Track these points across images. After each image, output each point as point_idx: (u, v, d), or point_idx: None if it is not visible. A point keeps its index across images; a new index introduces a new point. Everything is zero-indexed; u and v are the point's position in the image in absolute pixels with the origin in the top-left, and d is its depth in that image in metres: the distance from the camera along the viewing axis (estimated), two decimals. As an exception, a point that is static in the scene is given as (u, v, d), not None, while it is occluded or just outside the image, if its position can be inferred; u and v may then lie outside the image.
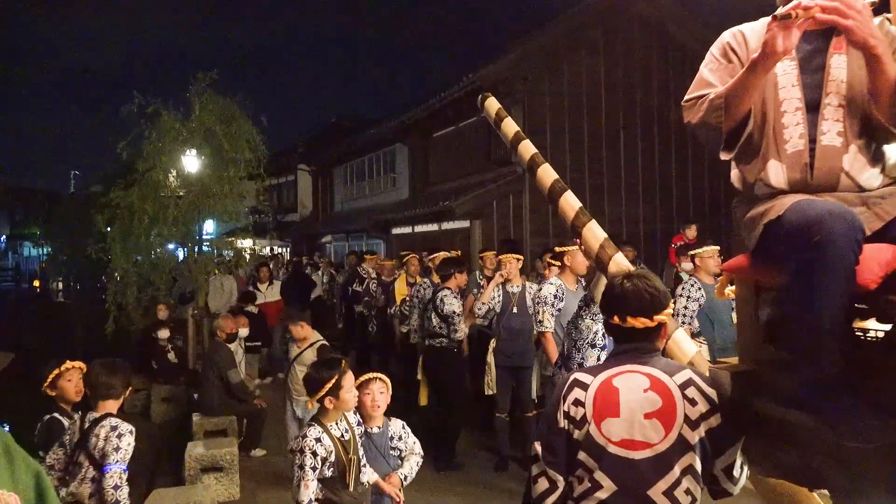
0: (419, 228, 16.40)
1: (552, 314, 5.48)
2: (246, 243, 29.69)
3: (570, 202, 3.44)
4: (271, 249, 28.08)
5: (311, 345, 5.84)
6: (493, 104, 4.10)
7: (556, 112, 14.24)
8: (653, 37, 15.26)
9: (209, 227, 28.15)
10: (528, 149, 3.78)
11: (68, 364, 4.15)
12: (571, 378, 2.26)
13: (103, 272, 9.43)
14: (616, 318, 2.24)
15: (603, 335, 4.37)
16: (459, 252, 9.99)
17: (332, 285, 16.26)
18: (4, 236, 54.58)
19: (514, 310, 5.91)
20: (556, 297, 5.52)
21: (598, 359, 4.36)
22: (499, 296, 5.94)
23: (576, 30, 14.47)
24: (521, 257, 6.47)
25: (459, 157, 16.50)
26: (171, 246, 9.59)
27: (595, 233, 3.18)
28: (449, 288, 6.21)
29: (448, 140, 17.15)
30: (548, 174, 3.59)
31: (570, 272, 5.64)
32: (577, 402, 2.16)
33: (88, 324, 8.32)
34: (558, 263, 5.77)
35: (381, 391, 3.78)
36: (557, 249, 5.92)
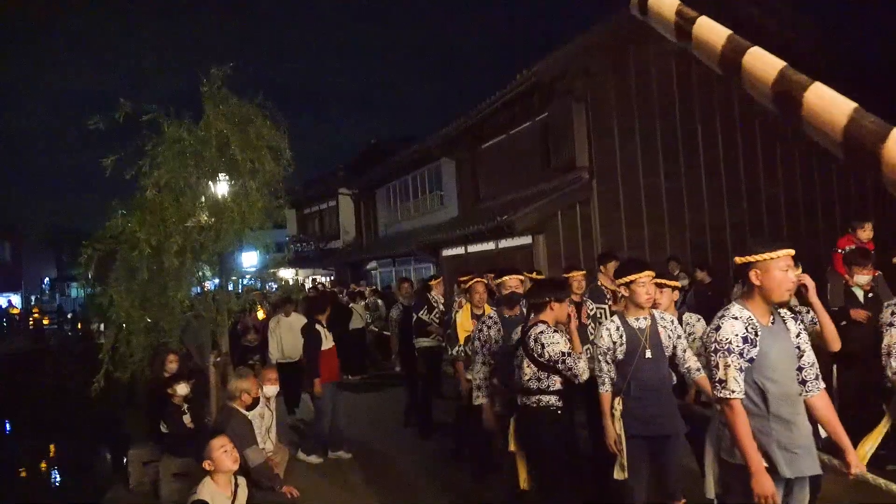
0: (473, 248, 14.75)
1: (739, 368, 3.10)
2: (286, 274, 28.58)
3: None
4: (314, 280, 26.81)
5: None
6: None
7: (625, 110, 12.50)
8: (731, 22, 13.42)
9: (251, 258, 27.15)
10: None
11: None
12: None
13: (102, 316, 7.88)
14: None
15: None
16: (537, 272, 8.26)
17: (376, 315, 14.71)
18: (48, 278, 54.56)
19: (648, 353, 4.12)
20: (744, 339, 3.14)
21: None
22: (620, 335, 4.13)
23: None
24: (651, 274, 4.22)
25: (513, 167, 14.85)
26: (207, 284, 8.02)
27: None
28: (545, 321, 4.51)
29: (498, 150, 15.53)
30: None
31: (762, 297, 3.21)
32: None
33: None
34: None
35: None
36: (738, 260, 3.30)
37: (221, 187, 7.22)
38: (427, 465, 7.07)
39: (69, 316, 36.11)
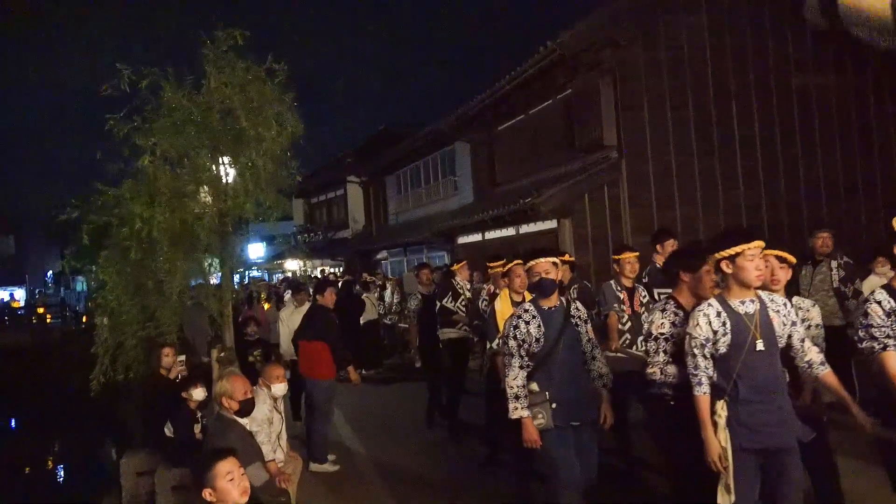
0: (491, 234, 13.98)
1: None
2: (294, 265, 27.83)
3: None
4: (322, 270, 26.08)
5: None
6: None
7: (654, 85, 11.66)
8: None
9: (258, 250, 26.38)
10: None
11: None
12: None
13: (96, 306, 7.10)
14: None
15: None
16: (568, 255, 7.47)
17: (384, 305, 13.95)
18: (51, 272, 53.86)
19: (760, 345, 3.34)
20: None
21: None
22: (723, 322, 3.32)
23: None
24: (761, 244, 3.40)
25: (532, 149, 14.03)
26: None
27: None
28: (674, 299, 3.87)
29: (517, 131, 14.70)
30: None
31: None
32: None
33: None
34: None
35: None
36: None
37: (225, 160, 6.42)
38: (458, 474, 6.30)
39: (76, 310, 35.51)
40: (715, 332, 3.35)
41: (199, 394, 5.38)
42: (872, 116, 12.96)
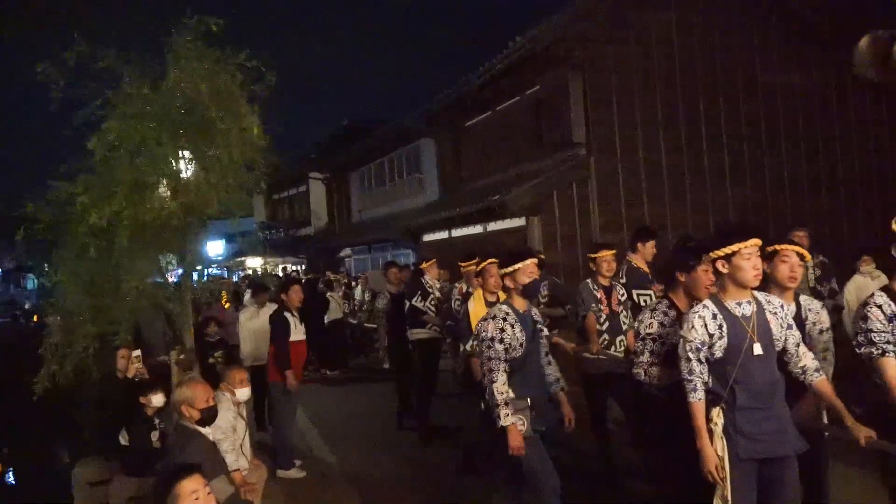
0: (458, 232, 13.77)
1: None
2: (254, 263, 27.30)
3: None
4: (284, 268, 25.61)
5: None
6: None
7: (624, 81, 11.58)
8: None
9: (217, 248, 25.75)
10: None
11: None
12: None
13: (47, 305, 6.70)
14: None
15: None
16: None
17: (350, 304, 13.71)
18: (0, 269, 52.05)
19: (758, 349, 3.12)
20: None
21: None
22: (719, 325, 3.18)
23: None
24: (758, 243, 3.22)
25: (500, 146, 13.87)
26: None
27: None
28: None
29: (485, 127, 14.52)
30: None
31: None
32: None
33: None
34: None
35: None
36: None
37: (186, 154, 6.09)
38: (430, 479, 6.09)
39: (25, 309, 34.35)
40: (711, 336, 3.18)
41: (157, 399, 5.04)
42: (837, 115, 13.10)
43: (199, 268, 8.57)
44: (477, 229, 12.99)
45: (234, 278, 26.28)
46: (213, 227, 7.68)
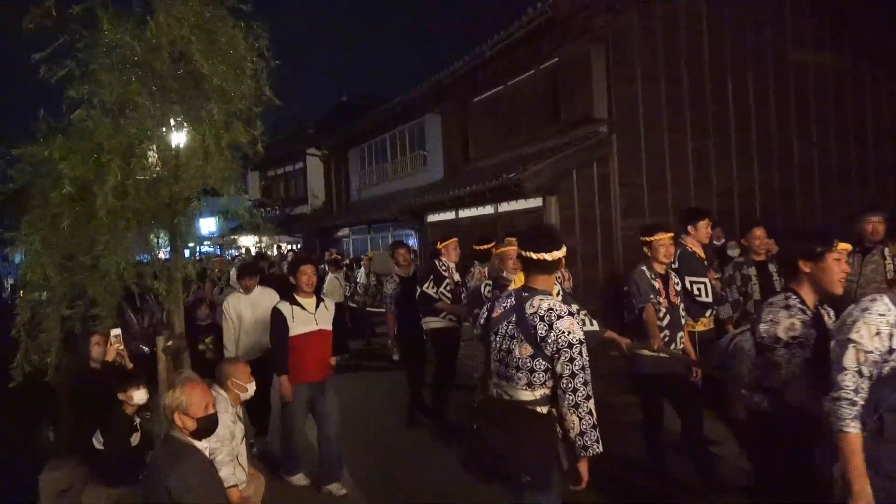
0: (466, 213, 13.03)
1: None
2: (247, 241, 26.46)
3: None
4: (278, 247, 24.83)
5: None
6: None
7: (649, 55, 10.81)
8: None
9: (210, 224, 24.94)
10: None
11: None
12: None
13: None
14: None
15: None
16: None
17: (351, 286, 12.96)
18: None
19: None
20: None
21: None
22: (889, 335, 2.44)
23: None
24: None
25: (512, 122, 13.10)
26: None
27: None
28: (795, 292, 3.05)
29: (494, 103, 13.74)
30: None
31: None
32: None
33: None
34: None
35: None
36: None
37: (175, 113, 5.31)
38: (446, 483, 5.36)
39: (12, 284, 33.43)
40: (892, 337, 2.47)
41: (139, 396, 4.27)
42: (870, 98, 12.40)
43: (191, 245, 7.80)
44: (488, 210, 12.25)
45: (227, 256, 25.54)
46: (206, 203, 6.84)
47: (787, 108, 11.85)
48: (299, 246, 24.02)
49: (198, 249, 24.87)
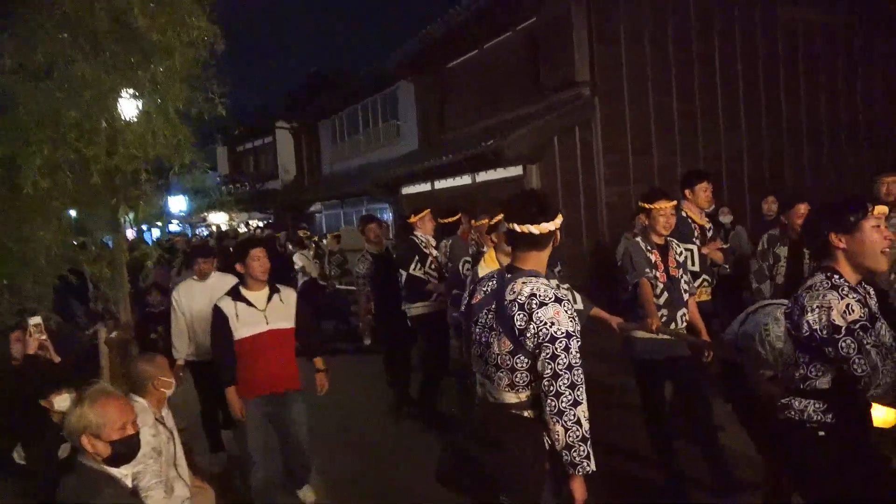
0: (442, 184, 12.45)
1: None
2: (217, 218, 25.66)
3: None
4: (247, 224, 24.11)
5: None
6: None
7: (632, 14, 10.23)
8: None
9: (180, 203, 24.07)
10: None
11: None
12: None
13: None
14: None
15: None
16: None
17: (324, 266, 12.31)
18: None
19: None
20: None
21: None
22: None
23: None
24: None
25: (489, 88, 12.48)
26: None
27: None
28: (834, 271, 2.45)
29: (470, 68, 13.10)
30: None
31: None
32: None
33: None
34: None
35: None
36: None
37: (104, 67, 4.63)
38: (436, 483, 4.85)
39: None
40: None
41: (61, 403, 3.61)
42: (861, 57, 11.95)
43: (159, 224, 7.13)
44: (465, 180, 11.69)
45: (197, 235, 24.75)
46: (174, 182, 6.12)
47: (776, 68, 11.38)
48: (269, 222, 23.30)
49: (166, 229, 24.07)
